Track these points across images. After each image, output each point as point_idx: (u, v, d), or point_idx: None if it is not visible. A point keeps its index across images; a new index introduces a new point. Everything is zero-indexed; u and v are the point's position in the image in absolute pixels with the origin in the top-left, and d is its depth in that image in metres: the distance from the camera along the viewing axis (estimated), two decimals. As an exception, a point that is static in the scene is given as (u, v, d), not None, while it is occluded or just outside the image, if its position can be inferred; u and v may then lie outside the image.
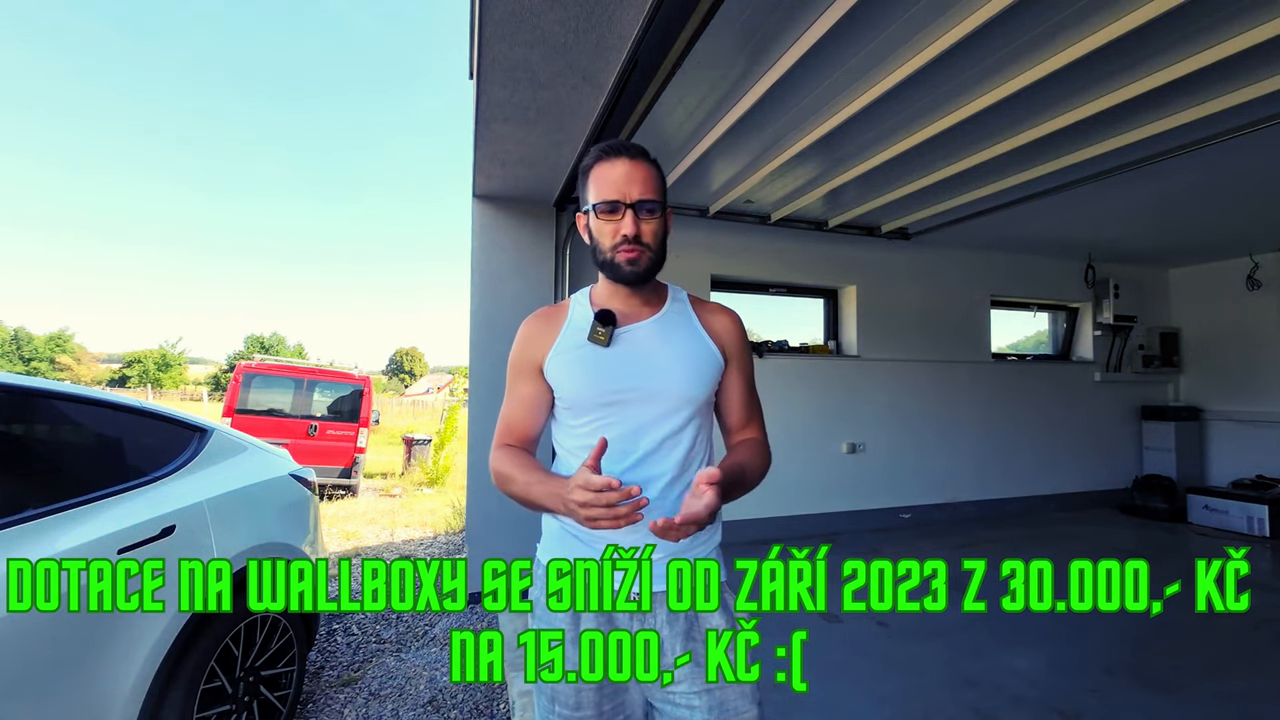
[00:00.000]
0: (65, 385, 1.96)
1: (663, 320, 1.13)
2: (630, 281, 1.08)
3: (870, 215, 4.52)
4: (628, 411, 1.06)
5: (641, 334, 1.11)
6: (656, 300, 1.15)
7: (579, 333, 1.11)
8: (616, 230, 1.05)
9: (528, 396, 1.16)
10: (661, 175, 1.11)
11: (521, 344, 1.17)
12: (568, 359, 1.10)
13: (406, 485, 8.76)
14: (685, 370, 1.08)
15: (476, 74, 2.29)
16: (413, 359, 65.67)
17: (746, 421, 1.19)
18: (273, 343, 44.98)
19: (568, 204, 3.79)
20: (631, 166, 1.05)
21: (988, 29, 2.13)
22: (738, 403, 1.18)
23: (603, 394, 1.07)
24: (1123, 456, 5.99)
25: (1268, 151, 3.19)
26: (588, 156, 1.10)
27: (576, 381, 1.09)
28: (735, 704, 1.03)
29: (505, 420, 1.17)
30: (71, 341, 38.91)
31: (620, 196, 1.04)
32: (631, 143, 1.09)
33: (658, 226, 1.07)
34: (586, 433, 1.09)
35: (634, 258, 1.05)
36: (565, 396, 1.11)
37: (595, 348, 1.09)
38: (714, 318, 1.17)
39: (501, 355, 3.66)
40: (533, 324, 1.17)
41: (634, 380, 1.07)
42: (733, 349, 1.15)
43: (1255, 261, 5.40)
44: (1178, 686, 2.45)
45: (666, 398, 1.07)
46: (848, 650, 2.73)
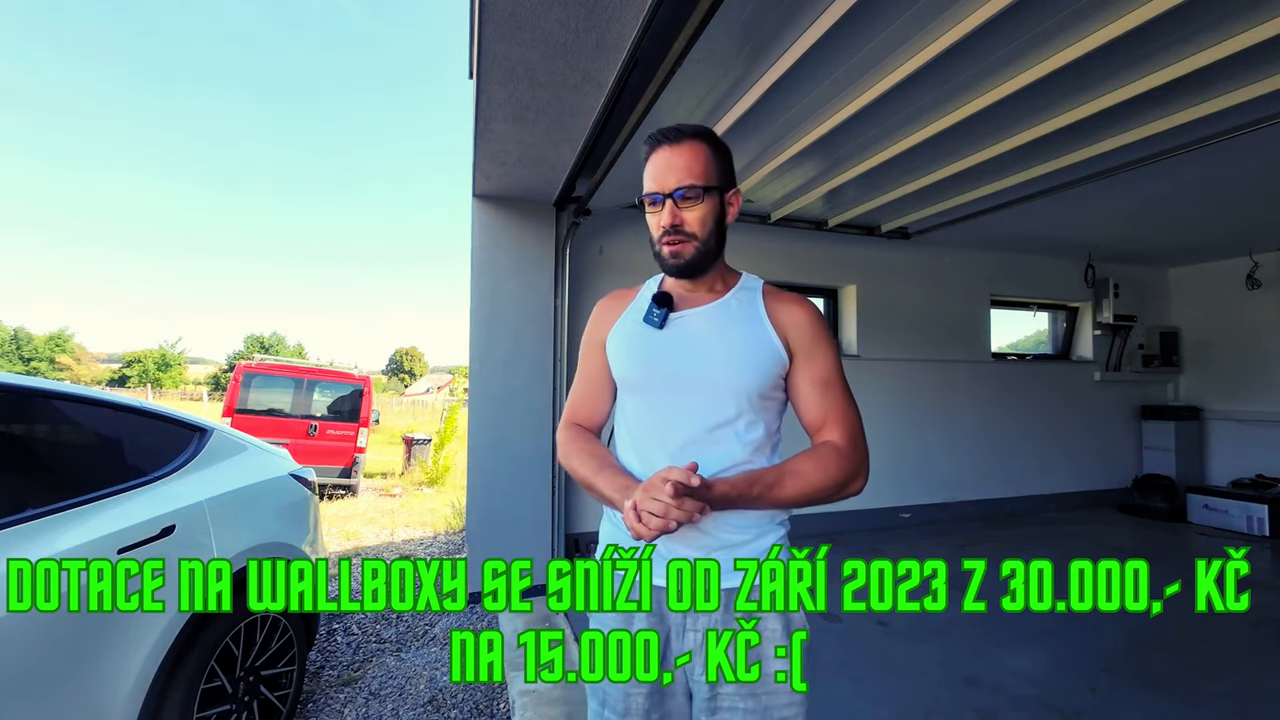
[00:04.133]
0: (65, 385, 1.96)
1: (720, 307, 1.08)
2: (675, 274, 1.06)
3: (870, 215, 4.51)
4: (670, 397, 1.04)
5: (694, 320, 1.08)
6: (723, 287, 1.11)
7: (638, 312, 1.12)
8: (659, 222, 1.03)
9: (592, 373, 1.18)
10: (718, 154, 1.05)
11: (592, 321, 1.20)
12: (622, 336, 1.12)
13: (406, 485, 8.76)
14: (735, 359, 1.02)
15: (476, 73, 2.29)
16: (413, 359, 65.66)
17: (821, 423, 1.06)
18: (273, 342, 44.97)
19: (568, 204, 3.79)
20: (672, 153, 1.02)
21: (987, 29, 2.13)
22: (807, 401, 1.07)
23: (648, 376, 1.06)
24: (1122, 456, 5.99)
25: (1268, 151, 3.19)
26: (642, 148, 1.08)
27: (624, 360, 1.10)
28: (782, 713, 1.00)
29: (573, 397, 1.20)
30: (71, 341, 38.89)
31: (658, 188, 1.02)
32: (681, 125, 1.04)
33: (704, 213, 1.03)
34: (636, 416, 1.09)
35: (676, 249, 1.03)
36: (618, 375, 1.12)
37: (649, 329, 1.08)
38: (783, 308, 1.08)
39: (501, 355, 3.70)
40: (605, 302, 1.20)
41: (678, 366, 1.04)
42: (800, 342, 1.06)
43: (1255, 261, 5.40)
44: (1178, 686, 2.45)
45: (712, 387, 1.02)
46: (848, 650, 2.73)
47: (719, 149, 1.06)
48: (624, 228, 4.27)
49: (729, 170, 1.08)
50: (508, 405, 3.66)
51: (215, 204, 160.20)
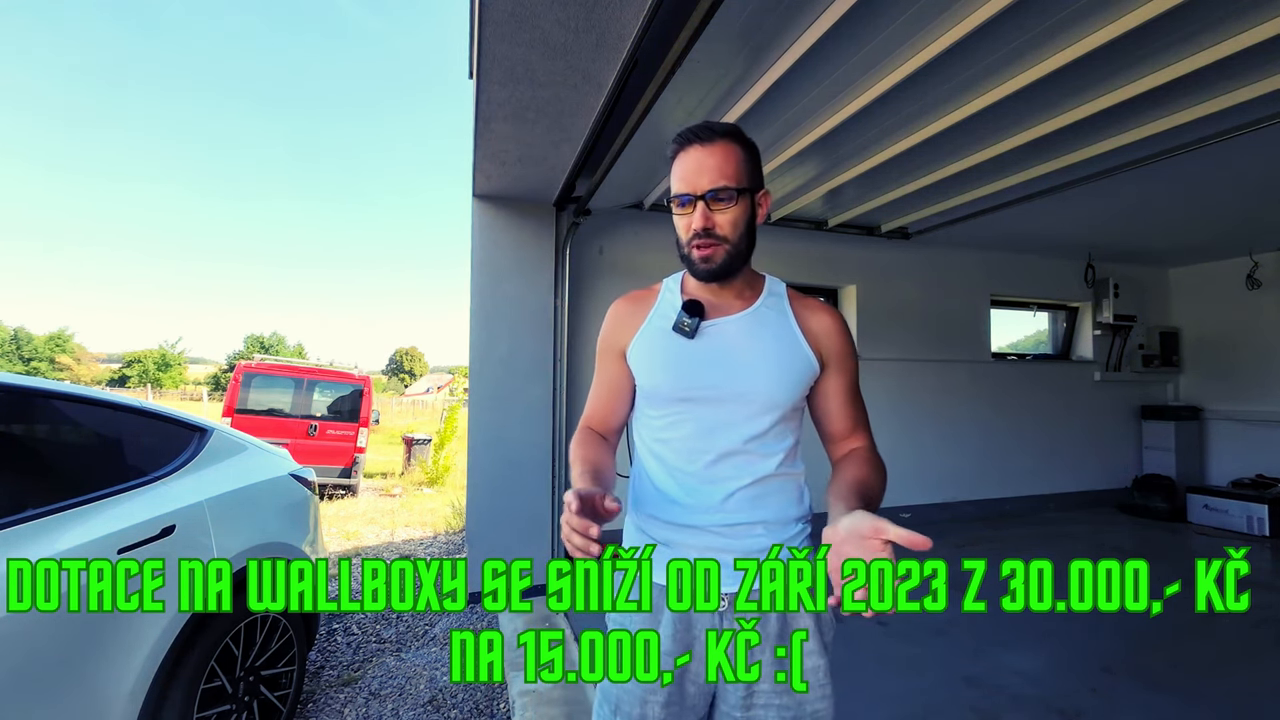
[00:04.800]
0: (65, 385, 1.95)
1: (754, 315, 1.05)
2: (705, 279, 1.02)
3: (870, 215, 4.51)
4: (707, 409, 1.01)
5: (730, 329, 1.04)
6: (750, 293, 1.08)
7: (665, 320, 1.06)
8: (689, 225, 0.99)
9: (610, 380, 1.13)
10: (749, 155, 1.01)
11: (609, 326, 1.13)
12: (650, 346, 1.06)
13: (406, 485, 8.76)
14: (773, 371, 1.01)
15: (476, 73, 2.29)
16: (413, 359, 65.67)
17: (851, 430, 1.08)
18: (273, 342, 45.00)
19: (568, 204, 3.79)
20: (704, 153, 0.97)
21: (987, 29, 2.13)
22: (840, 410, 1.08)
23: (682, 388, 1.02)
24: (1122, 456, 5.99)
25: (1268, 150, 3.19)
26: (669, 146, 1.03)
27: (655, 372, 1.04)
28: (814, 705, 1.00)
29: (589, 403, 1.16)
30: (71, 341, 38.91)
31: (690, 189, 0.97)
32: (712, 123, 1.00)
33: (737, 215, 0.98)
34: (662, 426, 1.05)
35: (708, 254, 0.99)
36: (644, 386, 1.07)
37: (679, 338, 1.03)
38: (813, 316, 1.07)
39: (501, 355, 3.70)
40: (621, 306, 1.13)
41: (716, 377, 1.00)
42: (832, 351, 1.06)
43: (1255, 261, 5.40)
44: (1178, 686, 2.45)
45: (750, 399, 1.00)
46: (848, 650, 2.72)
47: (750, 148, 1.02)
48: (624, 228, 4.27)
49: (759, 170, 1.04)
50: (508, 405, 3.66)
51: (215, 205, 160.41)
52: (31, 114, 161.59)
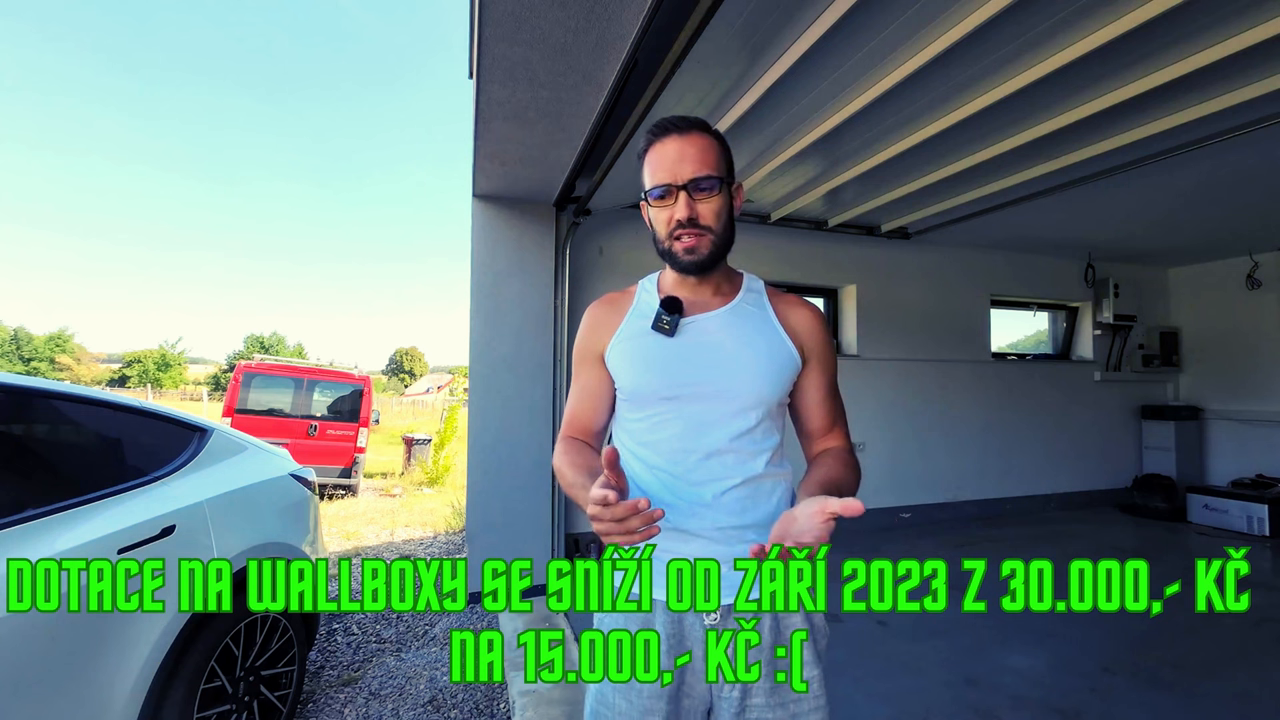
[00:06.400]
0: (65, 385, 1.95)
1: (735, 311, 1.04)
2: (690, 271, 1.00)
3: (870, 215, 4.51)
4: (691, 408, 0.99)
5: (710, 325, 1.02)
6: (729, 288, 1.06)
7: (643, 320, 1.04)
8: (671, 216, 0.97)
9: (590, 386, 1.10)
10: (724, 147, 1.01)
11: (584, 330, 1.10)
12: (629, 347, 1.04)
13: (406, 485, 8.76)
14: (757, 367, 0.99)
15: (476, 73, 2.29)
16: (413, 359, 65.68)
17: (829, 427, 1.08)
18: (273, 342, 45.01)
19: (568, 203, 3.79)
20: (683, 143, 0.96)
21: (988, 29, 2.13)
22: (819, 407, 1.07)
23: (664, 387, 0.99)
24: (1122, 456, 5.99)
25: (1268, 150, 3.19)
26: (640, 140, 1.02)
27: (637, 372, 1.02)
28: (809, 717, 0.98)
29: (569, 410, 1.12)
30: (71, 341, 38.92)
31: (671, 179, 0.96)
32: (685, 116, 0.99)
33: (719, 205, 0.97)
34: (646, 428, 1.02)
35: (692, 245, 0.97)
36: (625, 387, 1.04)
37: (659, 337, 1.01)
38: (793, 311, 1.06)
39: (501, 355, 3.69)
40: (596, 310, 1.11)
41: (699, 374, 0.99)
42: (813, 347, 1.05)
43: (1255, 261, 5.40)
44: (1178, 686, 2.45)
45: (734, 396, 0.98)
46: (848, 650, 2.73)
47: (723, 141, 1.02)
48: (624, 228, 4.27)
49: (731, 163, 1.04)
50: (508, 405, 3.66)
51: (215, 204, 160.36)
52: (30, 106, 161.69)
